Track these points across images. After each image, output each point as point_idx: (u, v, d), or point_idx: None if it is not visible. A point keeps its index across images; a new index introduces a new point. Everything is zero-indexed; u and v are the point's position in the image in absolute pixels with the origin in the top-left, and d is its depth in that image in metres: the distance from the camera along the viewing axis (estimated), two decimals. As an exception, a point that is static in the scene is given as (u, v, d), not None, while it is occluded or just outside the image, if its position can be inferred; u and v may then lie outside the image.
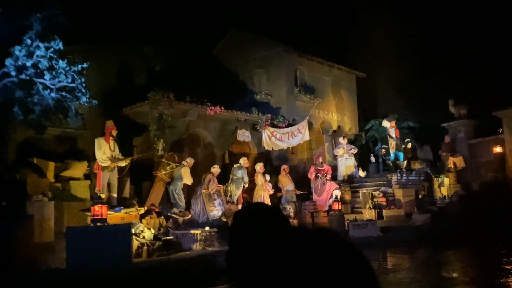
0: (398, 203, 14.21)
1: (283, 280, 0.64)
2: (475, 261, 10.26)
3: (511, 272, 8.36)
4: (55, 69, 7.59)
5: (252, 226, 1.17)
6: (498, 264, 9.07)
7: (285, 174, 15.14)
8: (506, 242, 11.58)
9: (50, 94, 7.64)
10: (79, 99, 8.47)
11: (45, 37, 7.47)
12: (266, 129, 15.79)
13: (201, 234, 8.67)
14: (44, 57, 7.39)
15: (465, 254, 11.02)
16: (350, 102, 20.90)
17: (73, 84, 7.93)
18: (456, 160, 16.94)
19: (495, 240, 11.62)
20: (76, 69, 8.12)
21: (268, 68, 17.79)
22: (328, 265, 0.65)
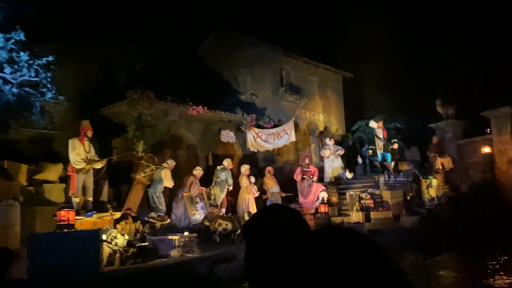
0: (386, 205, 13.86)
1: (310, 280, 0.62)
2: (463, 268, 9.96)
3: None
4: (17, 62, 7.02)
5: (273, 227, 1.13)
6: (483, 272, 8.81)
7: (270, 176, 14.71)
8: (496, 246, 11.36)
9: (11, 90, 7.07)
10: (44, 95, 7.89)
11: (5, 27, 6.90)
12: (251, 130, 15.36)
13: (180, 239, 8.17)
14: (3, 49, 6.82)
15: (454, 259, 10.74)
16: (336, 102, 20.59)
17: (37, 78, 7.35)
18: (444, 161, 16.68)
19: (485, 244, 11.40)
20: (41, 62, 7.55)
21: (253, 68, 17.38)
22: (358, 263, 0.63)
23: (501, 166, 14.59)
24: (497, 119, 15.02)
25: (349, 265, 0.63)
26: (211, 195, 12.98)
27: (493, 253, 10.57)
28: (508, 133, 14.51)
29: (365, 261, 0.64)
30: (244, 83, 17.56)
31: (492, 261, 9.84)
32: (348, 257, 0.64)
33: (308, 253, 0.66)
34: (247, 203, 13.55)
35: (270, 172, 14.81)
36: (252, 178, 13.81)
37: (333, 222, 12.36)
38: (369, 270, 0.63)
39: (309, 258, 0.65)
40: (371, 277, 0.62)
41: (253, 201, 13.69)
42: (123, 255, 7.15)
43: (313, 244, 0.67)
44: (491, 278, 8.23)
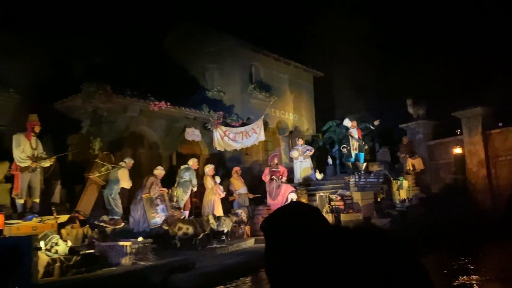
0: (357, 206, 13.39)
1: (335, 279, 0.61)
2: (435, 269, 9.59)
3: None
4: None
5: (294, 224, 1.13)
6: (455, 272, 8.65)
7: (237, 177, 14.02)
8: (467, 247, 11.15)
9: None
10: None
11: None
12: (218, 128, 14.61)
13: (132, 246, 7.34)
14: None
15: (426, 261, 10.32)
16: (307, 102, 20.09)
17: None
18: (415, 162, 16.41)
19: (457, 245, 11.18)
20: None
21: (222, 64, 16.62)
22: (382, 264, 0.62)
23: (472, 167, 14.37)
24: (468, 120, 14.82)
25: (374, 266, 0.62)
26: (174, 197, 12.14)
27: (464, 254, 10.47)
28: (479, 134, 14.32)
29: (392, 263, 0.63)
30: (212, 79, 16.77)
31: (464, 262, 9.88)
32: (373, 258, 0.63)
33: (329, 251, 0.65)
34: (212, 205, 12.80)
35: (237, 172, 14.12)
36: (217, 179, 13.07)
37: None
38: (394, 272, 0.62)
39: (329, 256, 0.64)
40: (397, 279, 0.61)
41: (219, 203, 12.95)
42: (63, 264, 6.26)
43: (335, 242, 0.66)
44: (462, 278, 8.34)
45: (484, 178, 13.94)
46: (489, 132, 14.22)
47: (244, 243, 11.14)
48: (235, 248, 10.49)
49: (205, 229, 10.04)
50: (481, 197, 13.87)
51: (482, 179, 14.01)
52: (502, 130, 14.00)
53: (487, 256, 11.30)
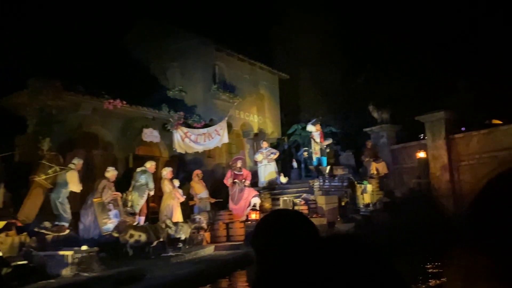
0: (321, 211, 13.05)
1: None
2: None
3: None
4: None
5: (283, 234, 1.11)
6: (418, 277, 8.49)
7: (198, 180, 13.38)
8: (431, 251, 11.04)
9: None
10: None
11: None
12: (179, 129, 13.94)
13: (74, 255, 6.62)
14: None
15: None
16: (272, 104, 19.71)
17: None
18: (379, 166, 16.28)
19: (421, 249, 11.05)
20: None
21: (184, 62, 15.96)
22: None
23: (435, 172, 14.34)
24: (431, 124, 14.80)
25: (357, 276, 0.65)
26: (128, 202, 11.39)
27: (428, 258, 10.37)
28: (442, 138, 14.31)
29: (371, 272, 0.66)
30: (173, 78, 16.08)
31: (427, 266, 9.87)
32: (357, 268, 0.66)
33: (321, 262, 0.67)
34: (170, 210, 12.10)
35: (198, 175, 13.49)
36: (176, 182, 12.40)
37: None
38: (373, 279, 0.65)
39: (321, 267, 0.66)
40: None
41: (177, 208, 12.27)
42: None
43: (327, 254, 0.69)
44: (426, 282, 8.35)
45: (447, 182, 13.92)
46: (452, 136, 14.24)
47: (202, 250, 10.53)
48: (192, 256, 9.88)
49: (160, 236, 9.38)
50: (444, 202, 13.83)
51: (445, 184, 13.99)
52: (465, 135, 14.05)
53: (450, 261, 11.21)
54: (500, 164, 12.87)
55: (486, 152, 13.20)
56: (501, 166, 12.86)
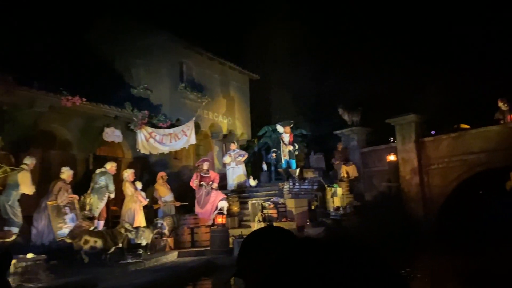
0: (290, 214, 12.68)
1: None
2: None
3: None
4: None
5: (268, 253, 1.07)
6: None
7: (162, 183, 12.79)
8: (400, 256, 10.84)
9: None
10: None
11: None
12: (143, 129, 13.30)
13: (17, 264, 5.96)
14: None
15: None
16: (242, 105, 19.26)
17: None
18: (349, 169, 16.10)
19: (390, 254, 10.80)
20: None
21: (149, 59, 15.29)
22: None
23: (405, 175, 14.22)
24: (401, 127, 14.69)
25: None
26: (86, 205, 10.69)
27: (397, 262, 10.11)
28: (412, 141, 14.21)
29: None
30: (138, 75, 15.37)
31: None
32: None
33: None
34: (132, 214, 11.47)
35: (163, 178, 12.89)
36: (139, 185, 11.77)
37: (231, 235, 10.76)
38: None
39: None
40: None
41: (140, 211, 11.65)
42: None
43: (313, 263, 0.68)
44: None
45: (417, 186, 13.81)
46: (422, 140, 14.16)
47: (165, 257, 9.94)
48: (153, 264, 9.28)
49: (118, 242, 8.75)
50: (414, 205, 13.71)
51: (415, 187, 13.88)
52: (435, 138, 14.00)
53: (419, 264, 11.05)
54: (469, 167, 12.85)
55: (456, 156, 13.16)
56: (470, 169, 12.84)
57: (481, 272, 9.43)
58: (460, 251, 11.23)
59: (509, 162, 12.44)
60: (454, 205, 13.29)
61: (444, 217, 13.23)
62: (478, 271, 9.51)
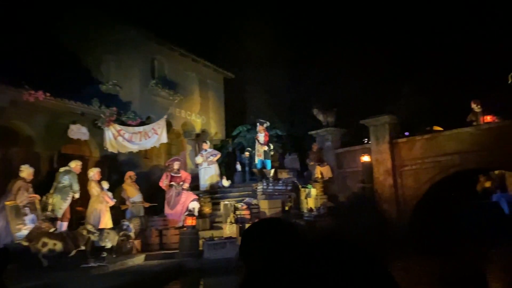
0: (263, 216, 12.38)
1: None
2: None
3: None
4: None
5: (270, 244, 1.14)
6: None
7: (131, 183, 12.30)
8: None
9: None
10: None
11: None
12: (111, 127, 12.77)
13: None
14: None
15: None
16: (217, 104, 18.89)
17: None
18: (323, 170, 15.96)
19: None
20: None
21: (120, 55, 14.75)
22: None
23: (379, 176, 14.15)
24: (375, 128, 14.62)
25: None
26: (49, 205, 10.13)
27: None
28: (386, 142, 14.16)
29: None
30: (108, 71, 14.81)
31: None
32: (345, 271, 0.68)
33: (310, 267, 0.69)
34: (98, 215, 10.95)
35: (131, 177, 12.41)
36: (105, 184, 11.25)
37: (201, 237, 10.40)
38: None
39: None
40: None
41: (106, 213, 11.13)
42: None
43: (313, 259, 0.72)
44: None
45: (391, 187, 13.76)
46: (395, 141, 14.12)
47: (131, 260, 9.49)
48: (118, 267, 8.83)
49: (80, 244, 8.28)
50: (387, 207, 13.65)
51: (388, 188, 13.82)
52: (408, 140, 13.97)
53: (392, 266, 10.93)
54: (443, 169, 12.86)
55: (429, 157, 13.16)
56: (444, 171, 12.85)
57: (450, 273, 9.41)
58: (431, 252, 11.19)
59: (482, 164, 12.52)
60: (427, 207, 13.28)
61: (417, 219, 13.21)
62: (448, 271, 9.49)
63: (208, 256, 9.50)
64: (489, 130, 12.16)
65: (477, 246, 12.96)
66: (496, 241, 14.52)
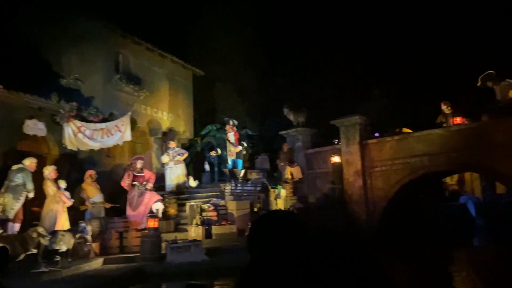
0: (231, 217, 12.00)
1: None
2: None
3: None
4: None
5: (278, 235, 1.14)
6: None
7: (91, 182, 11.65)
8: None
9: None
10: None
11: None
12: (70, 123, 12.09)
13: None
14: None
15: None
16: (185, 101, 18.33)
17: None
18: (294, 171, 15.68)
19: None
20: None
21: (82, 48, 13.98)
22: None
23: (349, 177, 13.97)
24: (346, 129, 14.43)
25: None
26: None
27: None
28: (356, 143, 13.99)
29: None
30: (69, 64, 14.03)
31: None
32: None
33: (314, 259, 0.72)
34: (54, 216, 10.26)
35: (91, 176, 11.75)
36: (62, 183, 10.57)
37: (164, 240, 9.88)
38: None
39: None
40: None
41: (63, 213, 10.45)
42: None
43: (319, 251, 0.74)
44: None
45: (360, 188, 13.60)
46: (366, 142, 13.97)
47: (87, 264, 8.89)
48: (72, 272, 8.23)
49: (29, 248, 7.63)
50: (356, 208, 13.47)
51: (358, 190, 13.65)
52: (378, 141, 13.84)
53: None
54: (412, 170, 12.78)
55: (399, 159, 13.06)
56: (413, 172, 12.76)
57: (418, 274, 9.34)
58: (400, 254, 11.07)
59: (451, 165, 12.50)
60: (396, 208, 13.18)
61: (386, 220, 13.09)
62: (416, 272, 9.41)
63: (171, 260, 9.00)
64: (459, 132, 12.14)
65: (444, 247, 12.99)
66: (463, 242, 14.64)
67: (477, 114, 12.29)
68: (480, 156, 11.46)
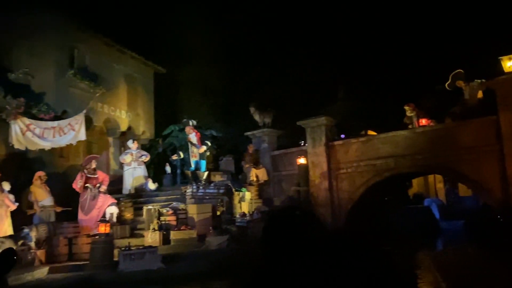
0: (191, 222, 11.40)
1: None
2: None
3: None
4: None
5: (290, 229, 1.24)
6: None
7: (40, 184, 10.82)
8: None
9: None
10: None
11: None
12: (18, 120, 11.19)
13: None
14: None
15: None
16: (145, 100, 17.57)
17: None
18: (259, 173, 15.24)
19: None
20: None
21: (34, 40, 13.07)
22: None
23: (315, 179, 13.65)
24: (312, 130, 14.13)
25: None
26: None
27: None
28: (322, 144, 13.70)
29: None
30: (19, 58, 13.06)
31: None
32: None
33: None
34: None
35: (41, 178, 10.91)
36: (6, 185, 9.71)
37: (116, 246, 9.19)
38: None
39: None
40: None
41: (6, 218, 9.62)
42: None
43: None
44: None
45: (326, 190, 13.31)
46: (332, 143, 13.71)
47: (30, 274, 8.09)
48: (12, 283, 7.40)
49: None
50: (322, 210, 13.14)
51: (324, 192, 13.36)
52: (344, 142, 13.60)
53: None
54: (377, 172, 12.58)
55: (364, 160, 12.85)
56: (378, 174, 12.57)
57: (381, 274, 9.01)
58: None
59: (416, 168, 12.38)
60: (361, 211, 12.96)
61: (351, 222, 12.83)
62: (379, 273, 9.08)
63: (123, 268, 8.33)
64: (424, 134, 12.03)
65: (409, 248, 12.86)
66: (428, 243, 14.59)
67: (441, 117, 12.23)
68: (445, 158, 11.38)
